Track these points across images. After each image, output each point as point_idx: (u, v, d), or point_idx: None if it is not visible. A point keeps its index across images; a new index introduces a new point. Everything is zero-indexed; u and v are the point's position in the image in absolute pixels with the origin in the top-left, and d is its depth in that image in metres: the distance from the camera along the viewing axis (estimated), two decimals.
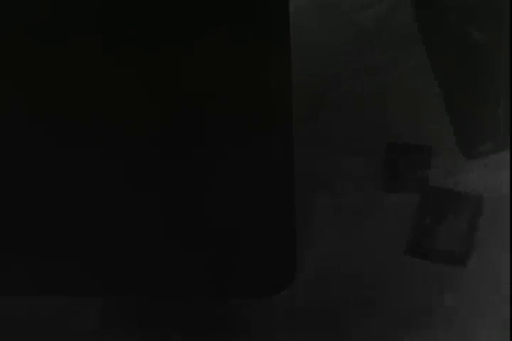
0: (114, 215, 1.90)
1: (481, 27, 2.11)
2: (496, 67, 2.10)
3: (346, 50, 2.21)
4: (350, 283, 2.15)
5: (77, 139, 1.66)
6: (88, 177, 1.78)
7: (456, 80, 2.15)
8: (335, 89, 2.21)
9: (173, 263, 2.02)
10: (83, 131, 1.65)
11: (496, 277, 2.11)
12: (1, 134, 1.63)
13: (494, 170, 2.14)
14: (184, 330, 2.15)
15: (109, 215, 1.90)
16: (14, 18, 1.38)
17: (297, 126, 2.14)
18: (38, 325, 2.12)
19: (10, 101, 1.55)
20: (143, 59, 1.53)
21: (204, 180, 1.94)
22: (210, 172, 1.88)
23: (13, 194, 1.80)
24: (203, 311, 2.17)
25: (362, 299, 2.14)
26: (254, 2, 1.49)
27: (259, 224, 2.02)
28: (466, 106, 2.15)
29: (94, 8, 1.39)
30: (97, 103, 1.61)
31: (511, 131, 2.12)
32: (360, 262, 2.16)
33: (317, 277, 2.16)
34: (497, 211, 2.14)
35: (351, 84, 2.21)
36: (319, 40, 2.21)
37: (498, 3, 2.05)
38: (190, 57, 1.56)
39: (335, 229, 2.17)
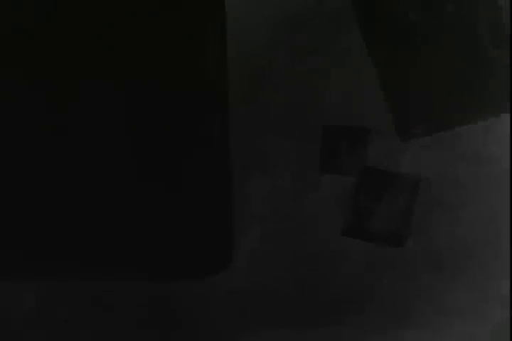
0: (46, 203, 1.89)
1: (416, 7, 2.12)
2: (432, 48, 2.11)
3: (280, 32, 2.19)
4: (289, 262, 2.14)
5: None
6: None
7: (391, 62, 2.15)
8: (270, 71, 2.19)
9: (114, 246, 1.99)
10: None
11: (434, 256, 2.12)
12: None
13: (431, 150, 2.15)
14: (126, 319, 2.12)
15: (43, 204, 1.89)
16: None
17: (234, 107, 2.12)
18: None
19: None
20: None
21: (143, 157, 1.94)
22: (150, 149, 1.88)
23: None
24: (144, 298, 2.14)
25: (301, 278, 2.13)
26: None
27: (196, 205, 2.01)
28: (399, 88, 2.15)
29: None
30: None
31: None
32: (298, 242, 2.15)
33: (255, 257, 2.14)
34: (434, 191, 2.14)
35: (287, 66, 2.19)
36: (254, 24, 2.19)
37: None
38: (131, 39, 1.56)
39: (272, 210, 2.15)
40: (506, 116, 2.13)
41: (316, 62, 2.19)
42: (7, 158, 1.92)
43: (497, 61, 2.13)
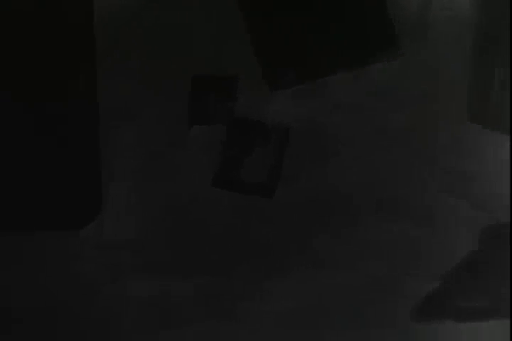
0: None
1: None
2: None
3: None
4: (158, 214, 2.14)
5: None
6: None
7: (259, 13, 2.13)
8: (137, 23, 2.14)
9: None
10: None
11: (304, 206, 2.14)
12: None
13: (300, 100, 2.15)
14: None
15: None
16: None
17: (101, 59, 2.08)
18: None
19: None
20: None
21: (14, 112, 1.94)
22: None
23: None
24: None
25: (171, 229, 2.13)
26: None
27: (64, 157, 2.00)
28: (267, 39, 2.13)
29: None
30: None
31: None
32: (167, 194, 2.14)
33: (124, 209, 2.13)
34: (303, 141, 2.15)
35: (154, 19, 2.14)
36: None
37: None
38: None
39: (140, 162, 2.14)
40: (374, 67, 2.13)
41: (183, 15, 2.15)
42: None
43: (368, 14, 2.12)
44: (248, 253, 2.15)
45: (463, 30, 2.15)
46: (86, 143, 2.08)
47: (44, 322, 2.13)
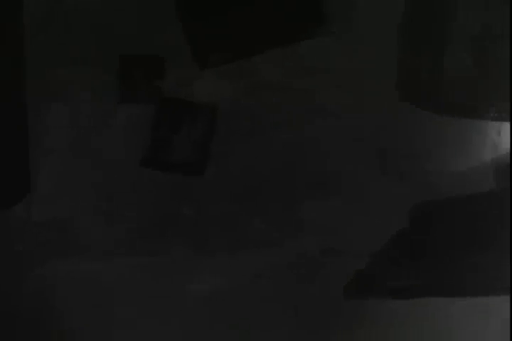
0: None
1: None
2: None
3: None
4: (87, 193, 2.13)
5: None
6: None
7: None
8: (62, 3, 2.13)
9: None
10: None
11: (232, 185, 2.14)
12: None
13: (228, 79, 2.14)
14: None
15: None
16: None
17: (30, 36, 2.06)
18: None
19: None
20: None
21: None
22: None
23: None
24: None
25: (98, 209, 2.13)
26: None
27: None
28: (196, 16, 2.11)
29: None
30: None
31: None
32: (96, 173, 2.14)
33: (53, 188, 2.13)
34: (232, 120, 2.14)
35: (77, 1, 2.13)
36: None
37: None
38: None
39: (69, 142, 2.13)
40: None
41: None
42: None
43: None
44: (178, 231, 2.15)
45: (393, 8, 2.13)
46: (13, 122, 2.06)
47: None
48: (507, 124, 2.15)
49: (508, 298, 2.16)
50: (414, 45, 2.15)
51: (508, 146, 2.15)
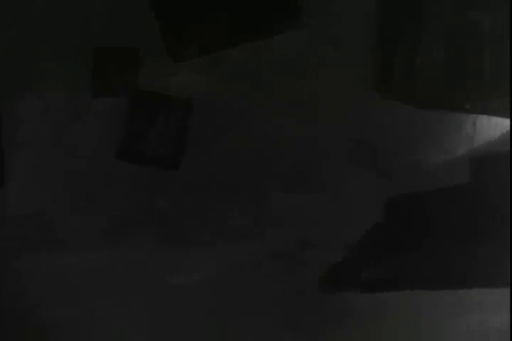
0: None
1: None
2: None
3: None
4: (61, 184, 2.13)
5: None
6: None
7: None
8: None
9: None
10: None
11: (207, 179, 2.14)
12: None
13: (203, 72, 2.13)
14: None
15: None
16: None
17: (3, 30, 2.05)
18: None
19: None
20: None
21: None
22: None
23: None
24: None
25: (73, 200, 2.13)
26: None
27: None
28: (170, 8, 2.11)
29: None
30: None
31: None
32: (70, 168, 2.14)
33: (27, 183, 2.13)
34: (206, 113, 2.14)
35: None
36: None
37: None
38: None
39: (43, 136, 2.12)
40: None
41: None
42: None
43: None
44: (153, 224, 2.14)
45: (368, 3, 2.13)
46: None
47: None
48: (482, 117, 2.14)
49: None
50: (388, 39, 2.15)
51: (484, 138, 2.15)
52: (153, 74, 2.13)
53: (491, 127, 2.15)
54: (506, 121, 2.14)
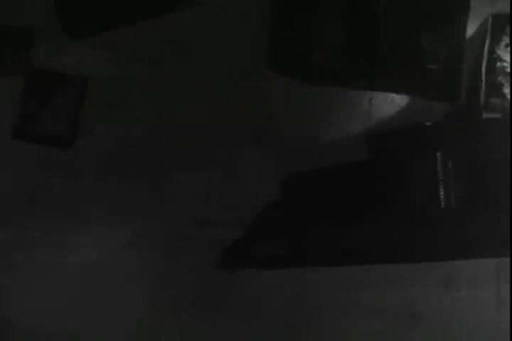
0: None
1: None
2: None
3: None
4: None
5: None
6: None
7: None
8: None
9: None
10: None
11: (101, 157, 2.14)
12: None
13: (98, 50, 2.13)
14: None
15: None
16: None
17: None
18: None
19: None
20: None
21: None
22: None
23: None
24: None
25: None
26: None
27: None
28: None
29: None
30: None
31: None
32: None
33: None
34: (102, 92, 2.14)
35: None
36: None
37: None
38: None
39: None
40: None
41: None
42: None
43: None
44: (50, 206, 2.14)
45: None
46: None
47: None
48: (378, 93, 2.14)
49: None
50: (284, 16, 2.14)
51: (380, 115, 2.15)
52: (50, 53, 2.13)
53: (388, 103, 2.15)
54: (402, 98, 2.14)
